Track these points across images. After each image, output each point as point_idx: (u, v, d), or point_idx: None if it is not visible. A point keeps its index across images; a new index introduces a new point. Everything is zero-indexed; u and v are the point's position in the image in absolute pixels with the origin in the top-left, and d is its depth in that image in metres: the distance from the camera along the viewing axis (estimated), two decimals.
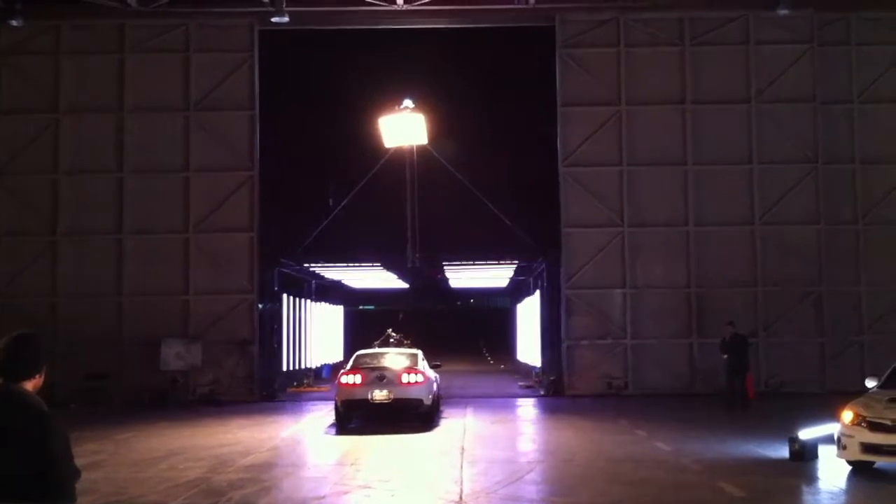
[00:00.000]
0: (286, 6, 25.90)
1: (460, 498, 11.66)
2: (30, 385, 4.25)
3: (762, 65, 27.29)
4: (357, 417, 19.41)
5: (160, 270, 26.74)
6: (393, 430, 18.59)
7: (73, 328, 25.91)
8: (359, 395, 18.99)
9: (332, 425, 19.87)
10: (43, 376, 4.34)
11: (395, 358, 20.51)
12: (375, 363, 20.04)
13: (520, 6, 27.12)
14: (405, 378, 19.20)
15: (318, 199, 29.16)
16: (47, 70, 27.12)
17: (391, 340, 23.99)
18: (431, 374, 20.47)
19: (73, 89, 27.11)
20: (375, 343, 23.79)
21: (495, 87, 28.89)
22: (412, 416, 19.12)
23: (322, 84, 28.58)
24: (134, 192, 26.99)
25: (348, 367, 20.21)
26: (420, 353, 21.03)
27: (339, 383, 19.57)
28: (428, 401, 19.38)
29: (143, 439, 18.06)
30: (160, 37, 27.24)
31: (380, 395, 18.92)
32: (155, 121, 27.10)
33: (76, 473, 3.99)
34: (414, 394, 19.12)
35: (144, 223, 26.92)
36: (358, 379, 19.20)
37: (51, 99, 27.07)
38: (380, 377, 19.14)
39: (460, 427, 19.63)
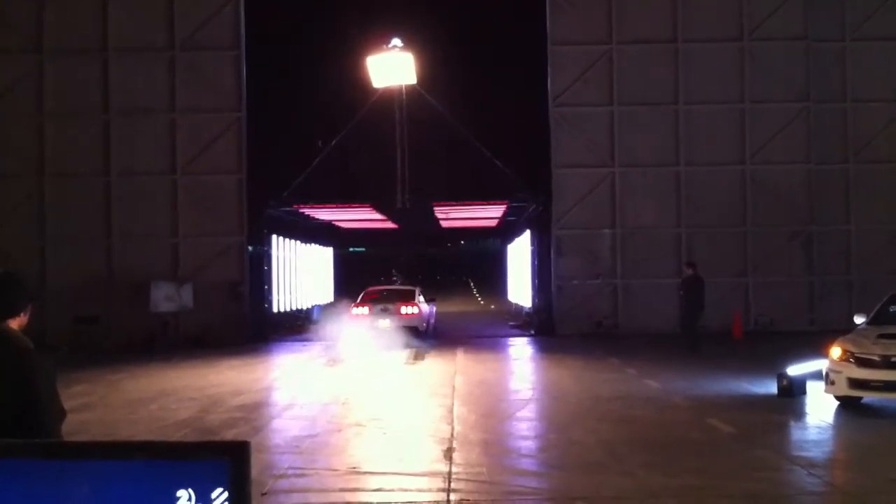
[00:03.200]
0: None
1: (452, 436, 11.73)
2: (14, 324, 4.18)
3: (754, 2, 27.00)
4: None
5: (148, 213, 26.57)
6: (384, 370, 18.72)
7: (61, 272, 25.77)
8: (367, 323, 23.26)
9: (325, 363, 19.97)
10: (27, 315, 4.27)
11: (396, 293, 24.96)
12: (380, 298, 24.40)
13: None
14: (403, 310, 23.79)
15: (308, 140, 28.90)
16: (29, 12, 26.62)
17: (394, 279, 28.75)
18: (426, 306, 24.99)
19: (56, 31, 26.63)
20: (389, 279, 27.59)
21: (486, 26, 28.53)
22: (411, 335, 23.10)
23: (309, 23, 28.16)
24: (120, 134, 26.68)
25: (358, 300, 24.45)
26: (417, 289, 25.21)
27: (352, 315, 23.65)
28: (422, 327, 24.07)
29: (133, 381, 18.10)
30: None
31: (383, 323, 23.08)
32: (140, 62, 26.68)
33: (62, 413, 3.95)
34: (411, 322, 23.75)
35: (131, 165, 26.67)
36: (366, 311, 23.72)
37: (34, 41, 26.61)
38: (384, 309, 23.61)
39: (451, 366, 19.73)
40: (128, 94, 26.65)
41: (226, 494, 2.16)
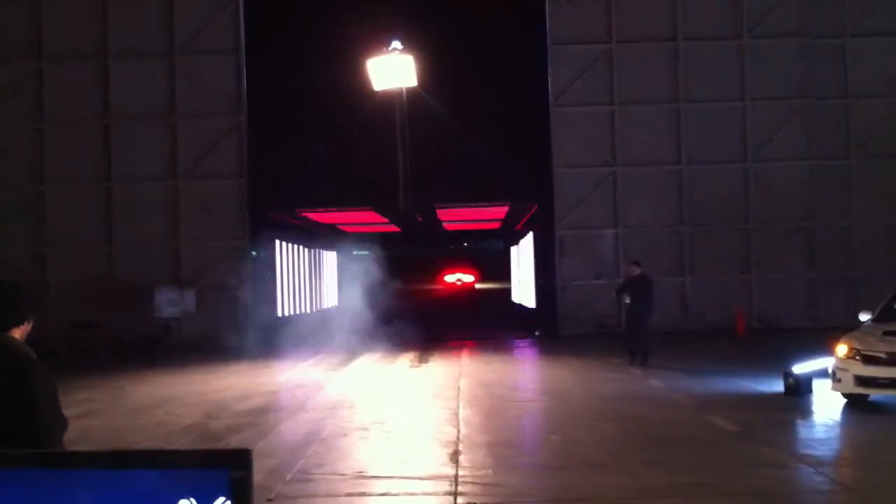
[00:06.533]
0: None
1: (457, 438, 11.70)
2: (17, 333, 4.17)
3: (752, 0, 26.96)
4: None
5: (149, 218, 26.56)
6: (389, 373, 18.70)
7: (62, 278, 25.79)
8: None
9: (326, 371, 19.98)
10: (31, 324, 4.25)
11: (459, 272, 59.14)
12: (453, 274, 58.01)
13: None
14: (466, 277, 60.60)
15: (309, 143, 28.89)
16: (27, 17, 26.64)
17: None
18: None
19: (54, 37, 26.63)
20: None
21: (485, 27, 28.49)
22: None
23: (309, 26, 28.12)
24: (120, 139, 26.69)
25: (445, 274, 53.83)
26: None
27: (443, 280, 53.77)
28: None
29: (137, 387, 18.06)
30: None
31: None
32: (139, 67, 26.66)
33: (63, 422, 3.93)
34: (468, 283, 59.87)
35: (131, 170, 26.66)
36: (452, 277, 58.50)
37: (33, 47, 26.63)
38: (458, 278, 60.85)
39: (456, 368, 19.71)
40: (127, 99, 26.64)
41: (228, 503, 2.14)
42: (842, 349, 13.22)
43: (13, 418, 3.71)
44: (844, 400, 13.38)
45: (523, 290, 34.83)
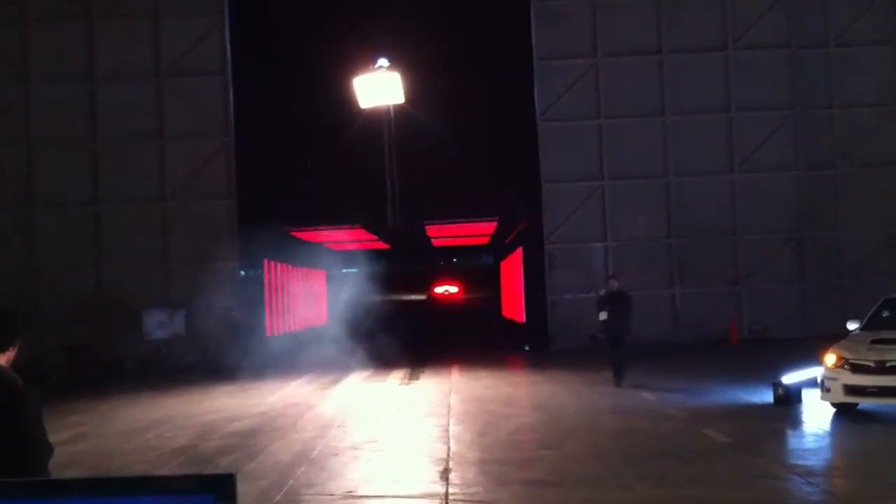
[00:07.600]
0: None
1: (448, 455, 11.67)
2: (3, 359, 4.16)
3: (737, 10, 27.13)
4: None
5: (138, 239, 26.50)
6: (380, 391, 18.64)
7: (53, 301, 25.68)
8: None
9: (317, 390, 19.92)
10: (16, 349, 4.24)
11: (446, 285, 64.71)
12: (441, 286, 61.48)
13: None
14: (451, 289, 65.32)
15: (298, 162, 28.90)
16: (15, 40, 26.64)
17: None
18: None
19: (42, 59, 26.64)
20: None
21: (471, 43, 28.59)
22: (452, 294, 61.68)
23: (295, 45, 28.18)
24: (109, 160, 26.66)
25: (434, 286, 60.63)
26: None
27: (433, 292, 63.34)
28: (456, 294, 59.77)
29: (127, 410, 17.97)
30: (128, 2, 26.77)
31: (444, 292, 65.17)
32: (127, 88, 26.66)
33: (49, 449, 3.91)
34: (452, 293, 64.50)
35: (121, 192, 26.62)
36: (439, 290, 64.87)
37: (20, 70, 26.62)
38: (446, 290, 60.98)
39: (446, 384, 19.68)
40: (115, 120, 26.64)
41: None
42: (830, 359, 13.25)
43: None
44: (834, 409, 13.40)
45: (514, 304, 34.86)
